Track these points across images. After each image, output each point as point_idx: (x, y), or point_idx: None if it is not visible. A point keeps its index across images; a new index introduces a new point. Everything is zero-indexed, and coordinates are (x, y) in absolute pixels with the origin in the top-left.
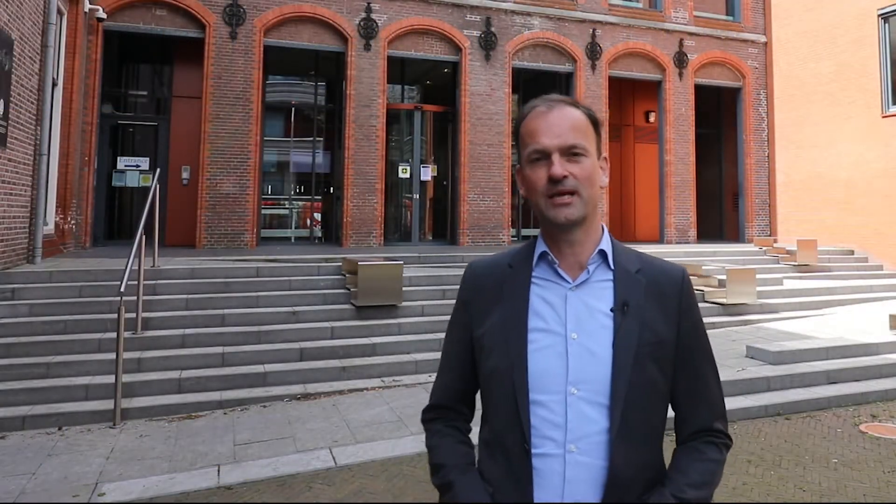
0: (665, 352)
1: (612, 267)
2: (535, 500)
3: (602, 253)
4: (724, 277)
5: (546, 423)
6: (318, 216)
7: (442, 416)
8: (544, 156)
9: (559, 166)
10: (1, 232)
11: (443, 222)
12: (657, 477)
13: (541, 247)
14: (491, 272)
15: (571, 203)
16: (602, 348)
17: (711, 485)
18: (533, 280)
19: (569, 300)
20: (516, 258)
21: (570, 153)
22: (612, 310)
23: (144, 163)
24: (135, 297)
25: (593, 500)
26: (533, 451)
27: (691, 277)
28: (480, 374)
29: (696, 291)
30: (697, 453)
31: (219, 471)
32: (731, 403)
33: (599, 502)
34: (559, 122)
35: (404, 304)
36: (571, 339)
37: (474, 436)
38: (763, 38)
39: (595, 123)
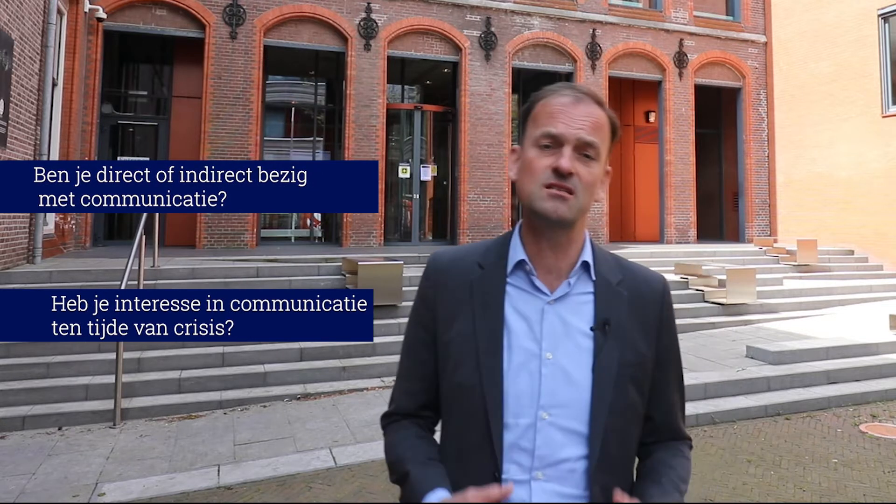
0: (644, 371)
1: (594, 278)
2: None
3: (585, 265)
4: (724, 277)
5: (513, 447)
6: (318, 216)
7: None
8: (556, 143)
9: (568, 160)
10: (1, 232)
11: (443, 222)
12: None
13: (518, 252)
14: (458, 269)
15: (568, 200)
16: (580, 371)
17: (689, 479)
18: (507, 289)
19: (545, 315)
20: (487, 257)
21: (584, 152)
22: (592, 328)
23: None
24: None
25: None
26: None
27: (691, 277)
28: (444, 384)
29: (696, 291)
30: (676, 451)
31: (219, 471)
32: (731, 403)
33: None
34: (583, 116)
35: (404, 304)
36: (546, 359)
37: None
38: (763, 38)
39: (614, 131)
